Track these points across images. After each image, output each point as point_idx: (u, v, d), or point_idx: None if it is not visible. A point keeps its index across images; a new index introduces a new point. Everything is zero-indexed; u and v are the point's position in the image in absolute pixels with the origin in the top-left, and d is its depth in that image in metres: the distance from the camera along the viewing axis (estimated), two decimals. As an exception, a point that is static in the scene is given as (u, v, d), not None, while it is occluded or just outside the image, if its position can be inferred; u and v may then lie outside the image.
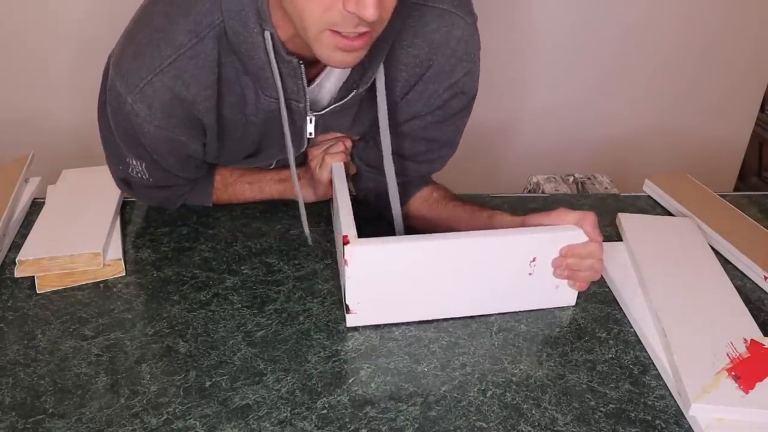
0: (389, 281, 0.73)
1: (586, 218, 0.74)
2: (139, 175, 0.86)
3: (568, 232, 0.74)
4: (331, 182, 0.89)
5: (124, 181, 0.91)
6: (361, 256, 0.71)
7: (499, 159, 1.87)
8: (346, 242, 0.70)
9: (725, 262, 0.90)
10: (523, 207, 1.03)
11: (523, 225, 0.76)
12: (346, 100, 0.78)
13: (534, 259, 0.75)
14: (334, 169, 0.88)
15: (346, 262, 0.70)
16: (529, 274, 0.76)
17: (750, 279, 0.87)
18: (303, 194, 0.96)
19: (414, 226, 0.91)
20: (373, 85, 0.78)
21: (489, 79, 1.70)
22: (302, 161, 0.96)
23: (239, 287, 0.82)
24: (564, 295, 0.80)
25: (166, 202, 0.95)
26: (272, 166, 0.98)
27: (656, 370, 0.72)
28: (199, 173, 0.91)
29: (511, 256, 0.75)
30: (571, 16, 1.69)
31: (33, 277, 0.83)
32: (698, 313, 0.76)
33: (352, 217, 0.75)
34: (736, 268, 0.89)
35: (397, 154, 0.89)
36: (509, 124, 1.83)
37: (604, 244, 0.77)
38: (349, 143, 0.91)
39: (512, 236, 0.74)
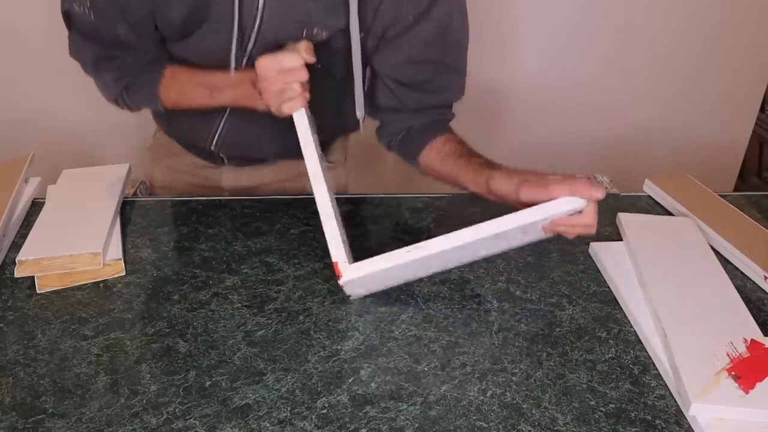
0: (385, 280, 0.77)
1: (578, 186, 0.71)
2: (83, 8, 0.84)
3: (564, 207, 0.71)
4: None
5: (66, 16, 0.89)
6: (354, 281, 0.74)
7: (498, 159, 1.87)
8: (338, 276, 0.73)
9: (725, 262, 0.90)
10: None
11: (518, 196, 0.75)
12: None
13: (525, 233, 0.76)
14: (296, 121, 0.80)
15: (341, 285, 0.75)
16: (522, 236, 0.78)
17: (750, 279, 0.87)
18: (257, 103, 0.87)
19: (427, 176, 0.94)
20: None
21: (489, 79, 1.70)
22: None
23: (239, 287, 0.82)
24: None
25: (105, 72, 0.90)
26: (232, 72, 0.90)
27: (656, 370, 0.72)
28: (141, 42, 0.87)
29: (506, 241, 0.78)
30: (570, 16, 1.69)
31: (33, 277, 0.83)
32: (698, 313, 0.76)
33: (339, 238, 0.75)
34: (736, 268, 0.89)
35: (408, 85, 0.91)
36: (509, 124, 1.82)
37: (604, 243, 0.77)
38: (305, 72, 0.81)
39: (505, 229, 0.72)
